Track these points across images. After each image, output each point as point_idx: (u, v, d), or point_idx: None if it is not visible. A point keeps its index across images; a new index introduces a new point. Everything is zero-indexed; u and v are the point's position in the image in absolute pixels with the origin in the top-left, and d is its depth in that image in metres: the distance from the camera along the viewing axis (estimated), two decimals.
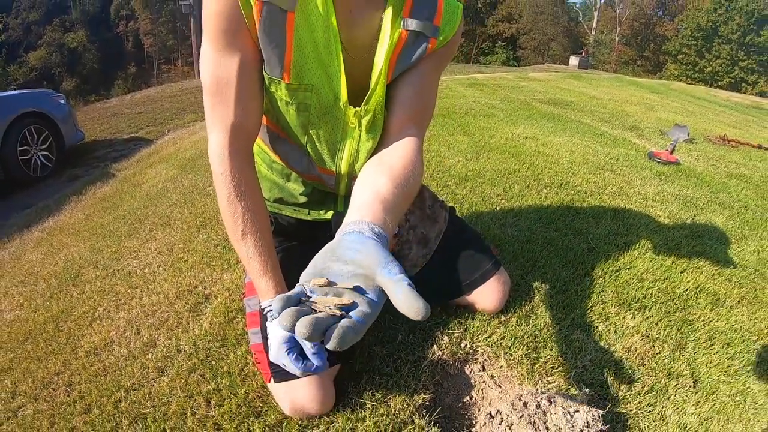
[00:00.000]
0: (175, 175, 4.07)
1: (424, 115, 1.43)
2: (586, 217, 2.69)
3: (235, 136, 1.28)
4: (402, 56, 1.32)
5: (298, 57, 1.25)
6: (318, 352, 1.18)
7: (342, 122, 1.36)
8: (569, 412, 1.26)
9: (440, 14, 1.32)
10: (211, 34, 1.23)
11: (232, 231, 1.31)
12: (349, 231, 0.93)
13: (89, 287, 2.38)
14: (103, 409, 1.51)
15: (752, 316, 2.01)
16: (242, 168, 1.30)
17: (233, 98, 1.26)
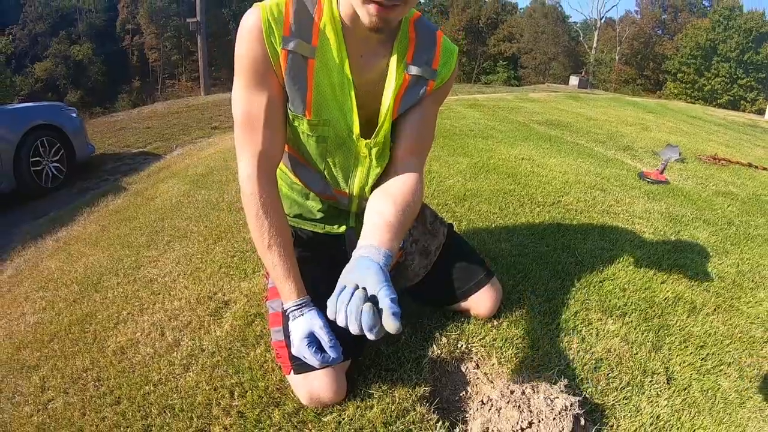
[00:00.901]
0: (188, 190, 4.22)
1: (423, 146, 1.67)
2: (575, 233, 2.85)
3: (262, 162, 1.50)
4: (405, 97, 1.55)
5: (318, 96, 1.48)
6: (334, 345, 1.42)
7: (354, 152, 1.59)
8: (550, 398, 1.44)
9: (438, 58, 1.57)
10: (243, 75, 1.46)
11: (260, 243, 1.52)
12: (362, 255, 1.23)
13: (112, 293, 2.53)
14: (133, 400, 1.67)
15: (726, 322, 2.17)
16: (268, 189, 1.51)
17: (261, 130, 1.48)
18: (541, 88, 21.05)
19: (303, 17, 1.42)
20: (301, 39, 1.42)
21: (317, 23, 1.43)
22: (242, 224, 3.09)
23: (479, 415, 1.43)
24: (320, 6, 1.43)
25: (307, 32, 1.43)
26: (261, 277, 2.34)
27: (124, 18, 47.28)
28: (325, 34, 1.44)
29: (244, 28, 1.42)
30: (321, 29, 1.43)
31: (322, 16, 1.43)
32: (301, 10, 1.42)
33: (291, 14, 1.41)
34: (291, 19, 1.41)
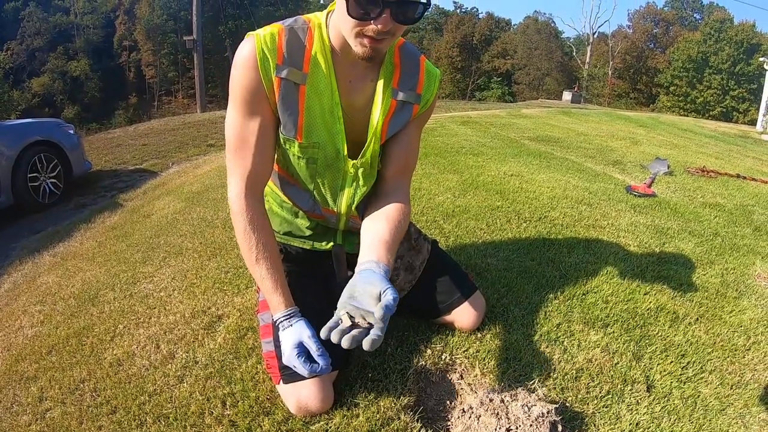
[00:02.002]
0: (183, 208, 4.29)
1: (409, 167, 1.83)
2: (560, 247, 2.91)
3: (250, 182, 1.61)
4: (393, 121, 1.68)
5: (309, 120, 1.60)
6: (322, 354, 1.50)
7: (343, 172, 1.70)
8: (527, 405, 1.51)
9: (422, 83, 1.70)
10: (237, 101, 1.57)
11: (248, 257, 1.62)
12: (364, 269, 1.44)
13: (108, 307, 2.59)
14: (129, 410, 1.73)
15: (709, 331, 2.22)
16: (255, 206, 1.62)
17: (251, 152, 1.59)
18: (535, 103, 21.18)
19: (295, 46, 1.53)
20: (293, 67, 1.53)
21: (308, 51, 1.54)
22: (236, 241, 3.09)
23: (460, 423, 1.50)
24: (311, 34, 1.55)
25: (298, 60, 1.53)
26: (253, 292, 2.40)
27: (121, 34, 47.38)
28: (316, 61, 1.55)
29: (240, 57, 1.53)
30: (312, 57, 1.55)
31: (313, 44, 1.54)
32: (293, 39, 1.53)
33: (284, 44, 1.52)
34: (284, 48, 1.52)
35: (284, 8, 43.19)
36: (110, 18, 48.11)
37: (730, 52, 37.33)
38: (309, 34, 1.55)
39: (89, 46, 45.86)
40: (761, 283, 2.81)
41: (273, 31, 1.52)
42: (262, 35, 1.51)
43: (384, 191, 1.77)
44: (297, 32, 1.54)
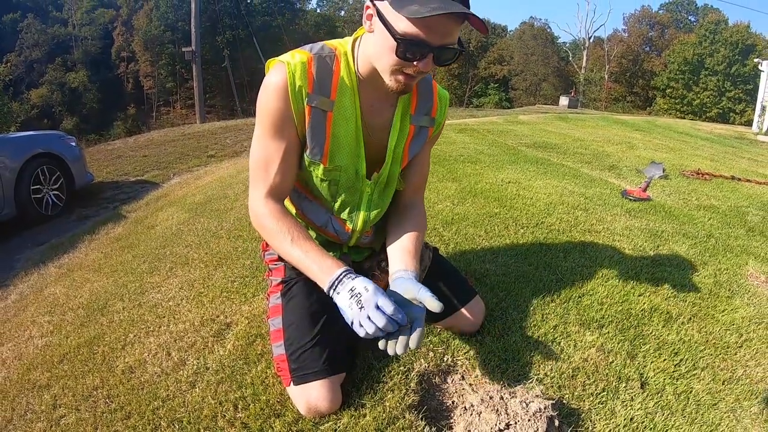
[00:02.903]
0: (187, 219, 4.35)
1: (423, 183, 2.03)
2: (556, 252, 2.97)
3: (272, 192, 1.71)
4: (412, 146, 1.83)
5: (334, 145, 1.70)
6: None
7: (360, 191, 1.82)
8: (525, 402, 1.59)
9: (435, 108, 1.85)
10: (265, 125, 1.66)
11: (282, 242, 1.67)
12: (396, 278, 1.66)
13: (118, 317, 2.66)
14: (143, 415, 1.79)
15: (702, 330, 2.28)
16: (278, 204, 1.72)
17: (275, 171, 1.69)
18: (532, 109, 21.20)
19: (324, 74, 1.61)
20: (322, 95, 1.62)
21: (336, 79, 1.63)
22: (241, 251, 3.22)
23: (462, 420, 1.58)
24: (338, 61, 1.64)
25: (327, 88, 1.62)
26: (260, 300, 2.46)
27: (119, 45, 47.47)
28: (343, 89, 1.65)
29: (271, 85, 1.60)
30: (339, 84, 1.64)
31: (340, 71, 1.63)
32: (322, 68, 1.61)
33: (314, 72, 1.60)
34: (314, 76, 1.60)
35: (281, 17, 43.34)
36: (108, 29, 48.22)
37: (726, 53, 37.44)
38: (336, 62, 1.63)
39: (87, 58, 45.96)
40: (754, 282, 2.87)
41: (303, 60, 1.59)
42: (293, 64, 1.58)
43: (403, 206, 1.97)
44: (325, 60, 1.62)
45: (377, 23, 1.48)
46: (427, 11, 1.35)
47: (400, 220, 1.91)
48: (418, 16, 1.36)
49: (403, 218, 1.92)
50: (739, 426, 1.76)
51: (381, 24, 1.45)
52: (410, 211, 1.96)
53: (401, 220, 1.91)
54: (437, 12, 1.34)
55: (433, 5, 1.36)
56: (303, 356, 1.71)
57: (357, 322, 1.48)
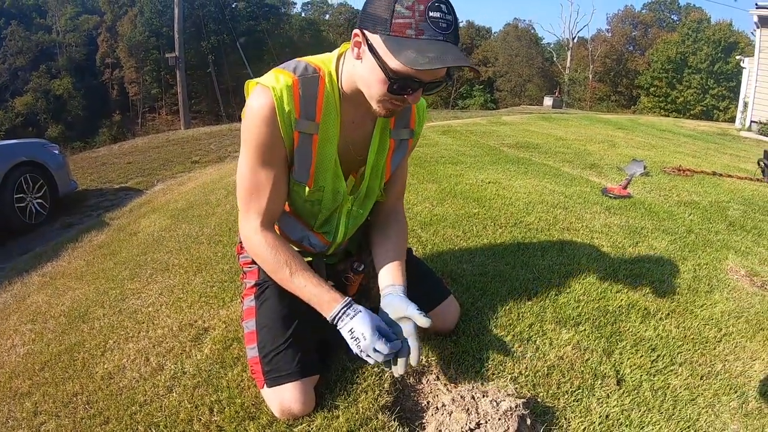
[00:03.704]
0: (169, 225, 4.35)
1: (403, 190, 2.07)
2: (534, 250, 2.98)
3: (265, 219, 1.71)
4: (394, 158, 1.85)
5: (319, 166, 1.70)
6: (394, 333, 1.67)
7: (341, 205, 1.84)
8: (496, 401, 1.61)
9: (414, 118, 1.87)
10: (251, 151, 1.63)
11: (283, 275, 1.69)
12: (387, 294, 1.75)
13: (98, 323, 2.65)
14: (121, 420, 1.80)
15: (680, 325, 2.30)
16: (271, 233, 1.72)
17: (266, 197, 1.68)
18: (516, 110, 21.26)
19: (309, 97, 1.59)
20: (308, 119, 1.61)
21: (320, 101, 1.62)
22: (221, 256, 3.23)
23: (433, 420, 1.60)
24: (322, 83, 1.61)
25: (312, 111, 1.61)
26: (238, 304, 2.47)
27: (104, 52, 47.13)
28: (328, 111, 1.64)
29: (258, 111, 1.56)
30: (324, 107, 1.63)
31: (325, 94, 1.62)
32: (307, 91, 1.59)
33: (300, 97, 1.58)
34: (300, 101, 1.58)
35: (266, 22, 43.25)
36: (92, 36, 47.88)
37: (708, 51, 37.64)
38: (321, 83, 1.61)
39: (72, 65, 45.62)
40: (734, 276, 2.90)
41: (288, 83, 1.55)
42: (278, 89, 1.54)
43: (385, 214, 2.02)
44: (309, 82, 1.59)
45: (367, 54, 1.46)
46: (425, 62, 1.34)
47: (384, 229, 1.97)
48: (416, 67, 1.35)
49: (387, 227, 1.98)
50: (718, 421, 1.77)
51: (371, 56, 1.43)
52: (393, 218, 2.01)
53: (385, 229, 1.97)
54: (435, 66, 1.34)
55: (430, 55, 1.35)
56: (276, 359, 1.73)
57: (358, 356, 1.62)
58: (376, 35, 1.41)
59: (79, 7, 49.01)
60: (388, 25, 1.37)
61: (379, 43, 1.41)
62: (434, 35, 1.36)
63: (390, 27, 1.37)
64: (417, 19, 1.35)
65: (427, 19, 1.35)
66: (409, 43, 1.36)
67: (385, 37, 1.39)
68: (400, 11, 1.36)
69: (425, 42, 1.36)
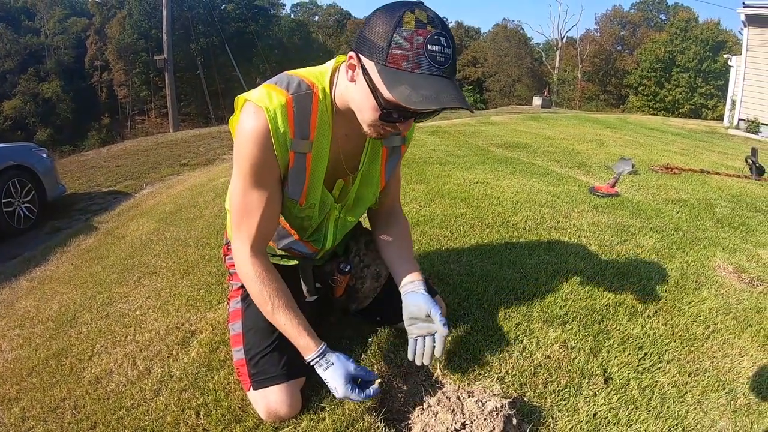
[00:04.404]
0: (157, 228, 4.33)
1: (399, 191, 2.08)
2: (521, 250, 2.98)
3: (256, 242, 1.69)
4: (388, 166, 1.84)
5: (311, 184, 1.69)
6: (368, 374, 1.71)
7: (328, 213, 1.83)
8: (481, 401, 1.61)
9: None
10: (244, 173, 1.60)
11: (265, 310, 1.69)
12: (408, 292, 1.82)
13: (86, 328, 2.65)
14: (108, 424, 1.80)
15: (667, 323, 2.31)
16: (261, 261, 1.70)
17: (257, 219, 1.65)
18: (505, 110, 21.27)
19: (303, 116, 1.56)
20: (302, 138, 1.58)
21: (314, 119, 1.58)
22: (208, 259, 3.22)
23: (419, 421, 1.60)
24: (316, 101, 1.58)
25: (306, 129, 1.58)
26: (225, 307, 2.45)
27: (93, 54, 46.87)
28: (321, 129, 1.61)
29: (249, 132, 1.52)
30: (317, 125, 1.60)
31: (318, 112, 1.58)
32: (300, 110, 1.55)
33: (294, 116, 1.54)
34: (294, 121, 1.54)
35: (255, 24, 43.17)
36: (81, 38, 47.61)
37: (697, 50, 37.80)
38: (314, 100, 1.57)
39: (60, 67, 45.37)
40: (721, 273, 2.92)
41: (281, 102, 1.51)
42: (272, 109, 1.50)
43: (386, 215, 2.04)
44: (303, 100, 1.55)
45: (361, 78, 1.43)
46: (419, 101, 1.32)
47: (388, 230, 2.00)
48: (409, 105, 1.33)
49: (390, 227, 2.01)
50: (706, 418, 1.78)
51: (365, 81, 1.41)
52: (393, 219, 2.04)
53: (389, 229, 2.01)
54: (428, 106, 1.33)
55: (424, 92, 1.32)
56: (262, 361, 1.73)
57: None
58: (371, 62, 1.38)
59: (67, 10, 48.79)
60: (384, 55, 1.35)
61: (374, 71, 1.38)
62: (431, 70, 1.33)
63: (386, 57, 1.34)
64: (415, 52, 1.32)
65: (425, 53, 1.32)
66: (404, 77, 1.34)
67: (380, 66, 1.36)
68: (398, 42, 1.33)
69: (421, 77, 1.33)
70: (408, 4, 1.36)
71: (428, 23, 1.33)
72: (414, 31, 1.32)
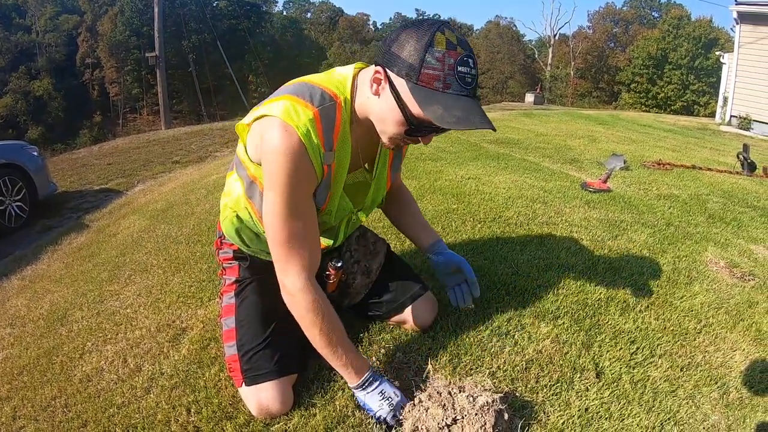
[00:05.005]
0: (148, 226, 4.32)
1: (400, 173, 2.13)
2: (513, 245, 2.97)
3: (310, 273, 1.64)
4: (393, 167, 1.89)
5: (334, 193, 1.69)
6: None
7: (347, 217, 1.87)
8: (472, 396, 1.60)
9: None
10: (284, 196, 1.54)
11: (319, 341, 1.64)
12: (435, 252, 2.11)
13: (77, 326, 2.64)
14: (99, 422, 1.80)
15: (659, 317, 2.32)
16: (317, 292, 1.65)
17: (307, 246, 1.62)
18: (498, 107, 21.25)
19: (329, 128, 1.55)
20: (329, 150, 1.57)
21: (338, 129, 1.57)
22: (199, 256, 3.21)
23: (410, 416, 1.59)
24: (339, 110, 1.56)
25: (331, 141, 1.57)
26: (216, 304, 2.45)
27: (84, 52, 46.61)
28: (343, 138, 1.60)
29: (284, 151, 1.48)
30: (340, 134, 1.59)
31: (341, 120, 1.57)
32: (327, 123, 1.54)
33: (322, 131, 1.53)
34: (323, 135, 1.53)
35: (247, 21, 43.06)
36: (72, 35, 47.34)
37: (689, 47, 37.89)
38: (338, 111, 1.56)
39: (52, 65, 45.10)
40: (713, 268, 2.93)
41: (309, 117, 1.49)
42: (302, 125, 1.48)
43: (394, 192, 2.15)
44: (328, 112, 1.54)
45: (387, 93, 1.45)
46: (452, 121, 1.36)
47: (399, 204, 2.19)
48: (443, 125, 1.37)
49: (400, 201, 2.19)
50: (699, 412, 1.79)
51: (393, 98, 1.44)
52: (402, 194, 2.20)
53: (399, 204, 2.19)
54: (461, 127, 1.38)
55: (457, 114, 1.37)
56: (255, 357, 1.73)
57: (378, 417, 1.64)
58: (401, 79, 1.42)
59: (58, 7, 48.44)
60: (416, 74, 1.38)
61: (404, 88, 1.41)
62: (460, 90, 1.39)
63: (419, 76, 1.38)
64: (446, 73, 1.37)
65: (455, 74, 1.38)
66: (436, 97, 1.38)
67: (412, 85, 1.40)
68: (430, 62, 1.37)
69: (451, 98, 1.38)
70: (437, 24, 1.40)
71: (458, 45, 1.39)
72: (446, 52, 1.37)
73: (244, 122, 1.62)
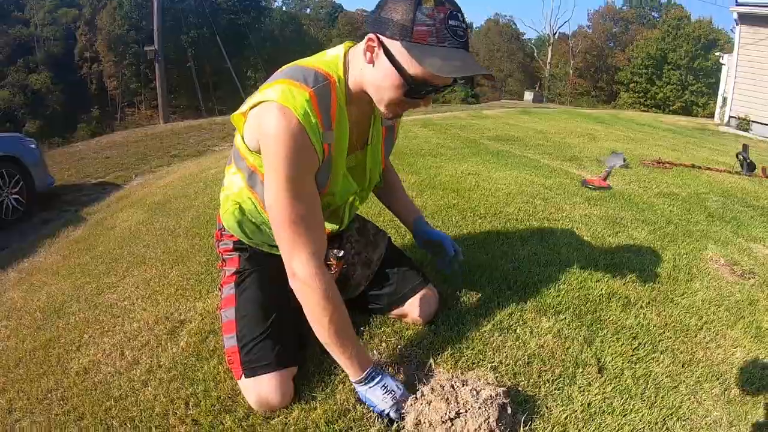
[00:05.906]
0: (146, 218, 4.29)
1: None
2: (514, 240, 2.97)
3: (318, 257, 1.62)
4: (387, 142, 1.88)
5: (335, 173, 1.67)
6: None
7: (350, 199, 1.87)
8: (476, 390, 1.59)
9: None
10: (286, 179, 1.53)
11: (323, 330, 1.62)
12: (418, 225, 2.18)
13: (74, 318, 2.61)
14: (96, 415, 1.77)
15: (660, 313, 2.32)
16: (327, 279, 1.62)
17: (314, 229, 1.61)
18: (497, 104, 21.31)
19: (325, 108, 1.55)
20: (327, 129, 1.57)
21: (334, 108, 1.57)
22: (198, 249, 3.20)
23: (413, 410, 1.57)
24: (334, 89, 1.57)
25: (328, 121, 1.57)
26: (215, 296, 2.45)
27: (83, 46, 46.44)
28: (339, 118, 1.60)
29: (282, 132, 1.47)
30: (337, 115, 1.58)
31: (336, 99, 1.57)
32: (323, 103, 1.54)
33: (319, 110, 1.52)
34: (321, 114, 1.53)
35: (246, 16, 42.94)
36: (71, 29, 47.16)
37: (688, 48, 37.98)
38: (333, 91, 1.56)
39: (50, 59, 44.93)
40: (713, 265, 2.93)
41: (305, 97, 1.49)
42: (299, 106, 1.48)
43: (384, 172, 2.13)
44: (323, 92, 1.54)
45: (382, 59, 1.46)
46: (452, 70, 1.38)
47: (387, 183, 2.22)
48: (443, 74, 1.37)
49: (388, 181, 2.22)
50: (700, 408, 1.78)
51: (388, 62, 1.44)
52: (389, 173, 2.23)
53: (387, 182, 2.22)
54: (461, 74, 1.39)
55: (455, 63, 1.38)
56: (255, 349, 1.71)
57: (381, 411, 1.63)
58: (395, 41, 1.42)
59: (57, 0, 48.34)
60: (409, 32, 1.39)
61: (399, 49, 1.42)
62: (454, 43, 1.40)
63: (412, 34, 1.39)
64: (438, 27, 1.38)
65: (447, 28, 1.39)
66: (432, 50, 1.39)
67: (406, 44, 1.40)
68: (421, 19, 1.38)
69: (446, 50, 1.39)
70: None
71: (445, 1, 1.39)
72: (434, 8, 1.38)
73: (240, 111, 1.61)
